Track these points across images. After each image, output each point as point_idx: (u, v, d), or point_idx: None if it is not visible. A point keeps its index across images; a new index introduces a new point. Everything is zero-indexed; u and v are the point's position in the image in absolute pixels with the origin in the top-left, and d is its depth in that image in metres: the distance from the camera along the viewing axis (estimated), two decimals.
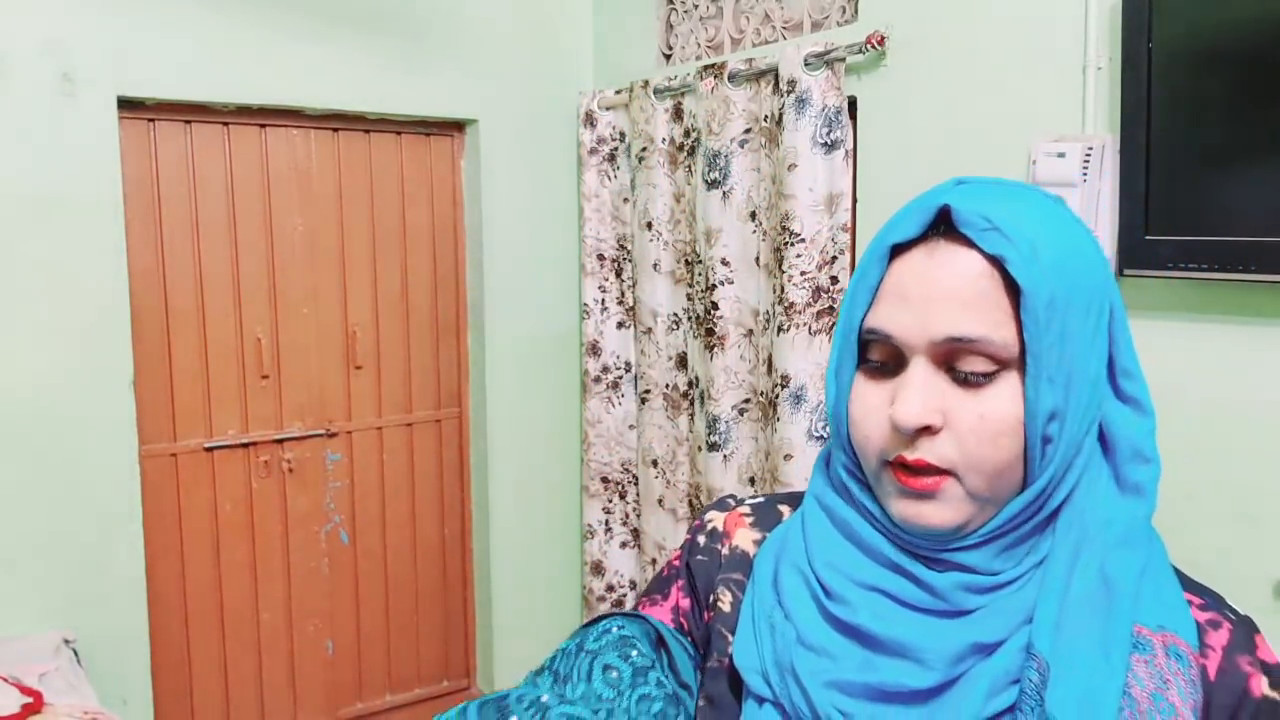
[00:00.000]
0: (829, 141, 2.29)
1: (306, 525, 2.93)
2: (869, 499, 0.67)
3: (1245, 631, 0.64)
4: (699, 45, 2.89)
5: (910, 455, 0.62)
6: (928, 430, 0.62)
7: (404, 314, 3.05)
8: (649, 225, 2.83)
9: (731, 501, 0.80)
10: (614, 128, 3.01)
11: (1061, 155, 1.83)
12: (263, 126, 2.77)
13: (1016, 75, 1.98)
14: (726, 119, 2.53)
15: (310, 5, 2.70)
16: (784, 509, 0.78)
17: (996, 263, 0.61)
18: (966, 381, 0.62)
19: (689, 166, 2.72)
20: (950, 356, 0.62)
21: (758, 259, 2.53)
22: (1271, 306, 1.64)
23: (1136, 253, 1.71)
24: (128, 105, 2.53)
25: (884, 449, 0.64)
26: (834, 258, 2.33)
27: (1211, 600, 0.66)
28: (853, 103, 2.33)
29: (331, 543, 2.97)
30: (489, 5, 2.98)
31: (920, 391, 0.62)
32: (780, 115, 2.36)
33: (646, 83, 2.82)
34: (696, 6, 2.90)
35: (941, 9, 2.11)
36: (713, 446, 2.61)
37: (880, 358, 0.65)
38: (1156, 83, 1.66)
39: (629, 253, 3.00)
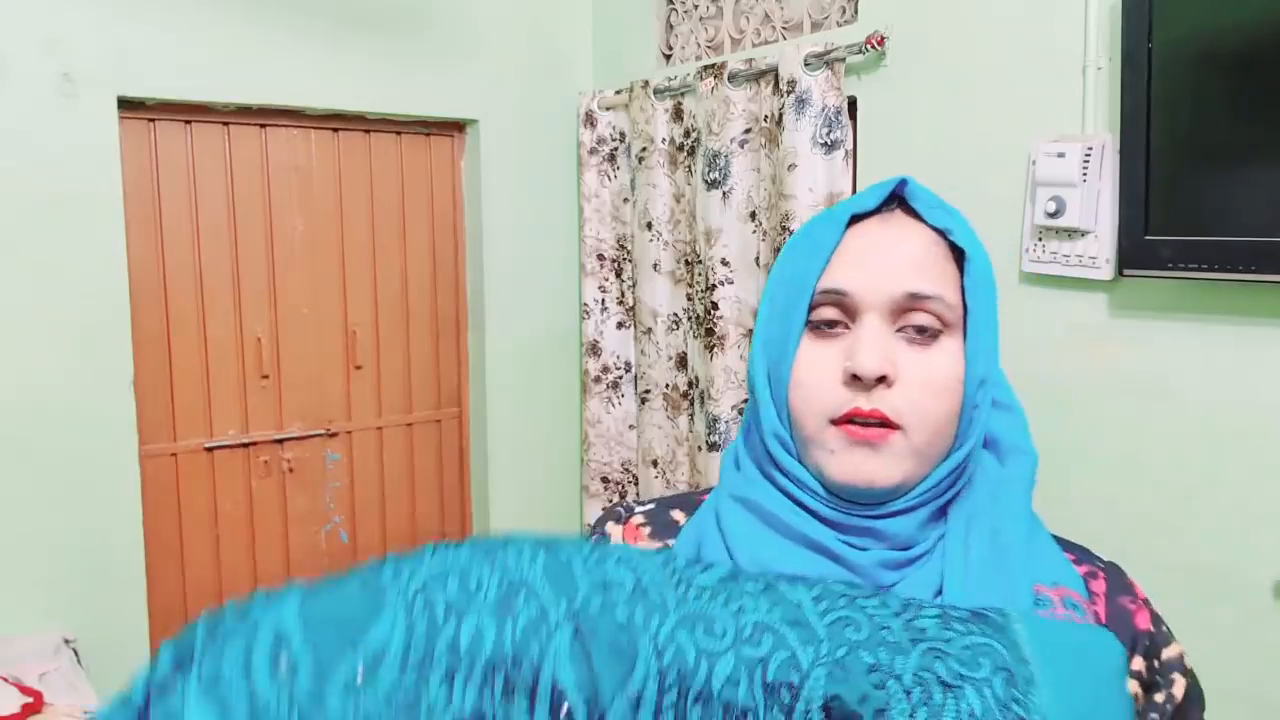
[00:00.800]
0: (829, 142, 2.29)
1: (306, 525, 2.93)
2: (800, 468, 0.68)
3: (1118, 575, 0.71)
4: (699, 45, 2.89)
5: (866, 405, 0.65)
6: (882, 381, 0.65)
7: (404, 314, 3.05)
8: (649, 225, 2.83)
9: (623, 511, 0.79)
10: (614, 128, 3.01)
11: (1061, 155, 1.83)
12: (263, 126, 2.77)
13: (1016, 75, 1.98)
14: (726, 119, 2.53)
15: (310, 5, 2.69)
16: (677, 514, 0.78)
17: (942, 236, 0.69)
18: (915, 339, 0.66)
19: (689, 167, 2.72)
20: (901, 315, 0.66)
21: (758, 259, 2.53)
22: (1271, 306, 1.64)
23: (1136, 253, 1.71)
24: (128, 105, 2.53)
25: (833, 406, 0.66)
26: None
27: (1082, 554, 0.73)
28: (853, 103, 2.33)
29: (331, 543, 2.97)
30: (489, 5, 2.98)
31: (878, 343, 0.65)
32: (780, 115, 2.36)
33: (646, 83, 2.82)
34: (696, 6, 2.90)
35: (941, 9, 2.11)
36: (713, 446, 2.61)
37: (832, 316, 0.68)
38: (1156, 83, 1.66)
39: (629, 253, 3.00)
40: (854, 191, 2.35)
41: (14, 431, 2.38)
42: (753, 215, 2.53)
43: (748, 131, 2.51)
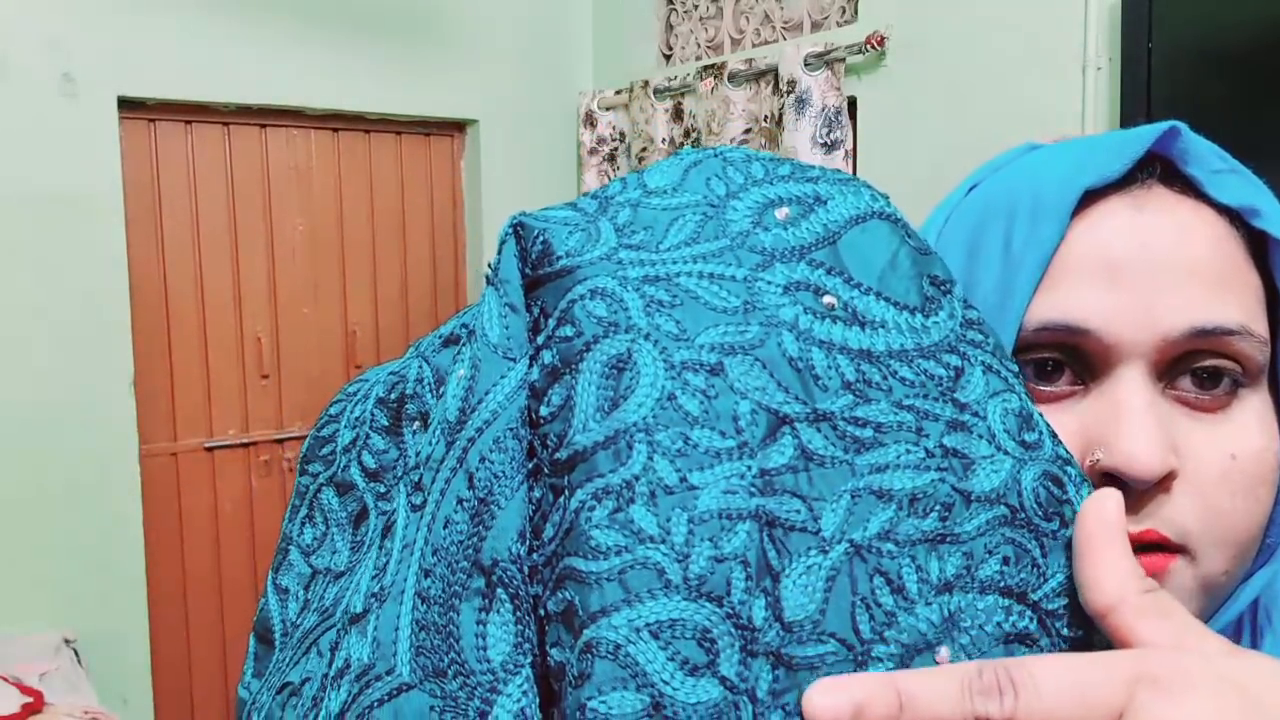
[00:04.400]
0: (829, 142, 2.29)
1: None
2: None
3: None
4: (699, 45, 2.89)
5: (1135, 526, 0.39)
6: (1161, 484, 0.39)
7: (404, 314, 3.05)
8: None
9: None
10: (614, 128, 3.01)
11: None
12: (263, 126, 2.77)
13: (1016, 75, 1.98)
14: (726, 119, 2.53)
15: (310, 6, 2.69)
16: None
17: (1237, 221, 0.42)
18: (1201, 401, 0.40)
19: None
20: (1177, 366, 0.40)
21: None
22: None
23: None
24: (128, 105, 2.53)
25: None
26: None
27: None
28: (853, 103, 2.33)
29: None
30: (489, 5, 2.98)
31: (1151, 419, 0.38)
32: (780, 115, 2.36)
33: (646, 83, 2.82)
34: (696, 6, 2.90)
35: (941, 9, 2.11)
36: None
37: (1053, 375, 0.41)
38: (1156, 83, 1.66)
39: None
40: None
41: (14, 431, 2.38)
42: None
43: (748, 131, 2.51)
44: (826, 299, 0.35)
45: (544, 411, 0.33)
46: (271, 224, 2.81)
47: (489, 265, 0.38)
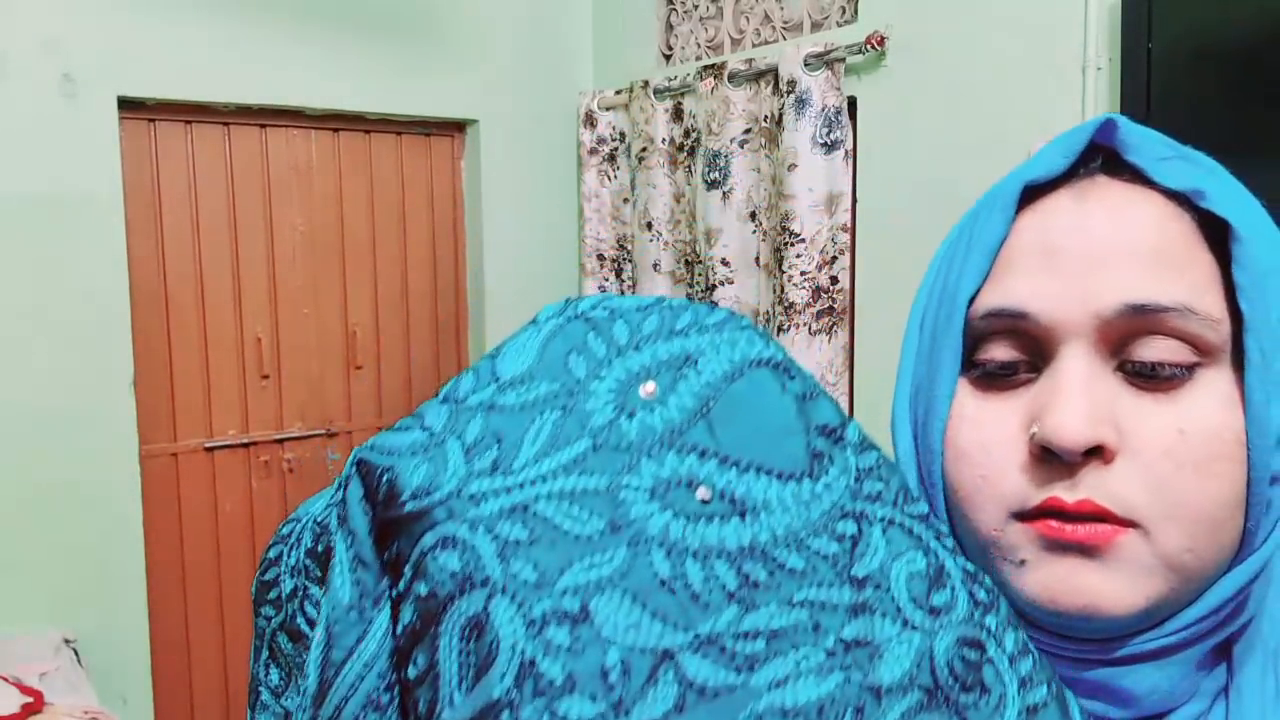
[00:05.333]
0: (829, 142, 2.29)
1: None
2: None
3: None
4: (699, 45, 2.89)
5: (1070, 496, 0.39)
6: (1097, 454, 0.40)
7: (404, 314, 3.05)
8: (649, 225, 2.83)
9: None
10: (614, 128, 3.01)
11: None
12: (263, 126, 2.77)
13: (1016, 75, 1.98)
14: (726, 119, 2.53)
15: (310, 6, 2.70)
16: None
17: (1187, 204, 0.42)
18: (1152, 381, 0.40)
19: (689, 167, 2.72)
20: (1123, 343, 0.41)
21: (758, 259, 2.53)
22: None
23: None
24: (128, 105, 2.53)
25: (1016, 494, 0.41)
26: (834, 258, 2.33)
27: None
28: (853, 103, 2.33)
29: None
30: (489, 5, 2.98)
31: (1085, 393, 0.40)
32: (780, 115, 2.36)
33: (646, 83, 2.82)
34: (696, 6, 2.90)
35: (941, 9, 2.11)
36: None
37: (1005, 356, 0.43)
38: (1156, 83, 1.66)
39: (629, 253, 3.00)
40: (854, 192, 2.35)
41: (14, 431, 2.38)
42: (753, 215, 2.53)
43: (748, 131, 2.51)
44: (700, 492, 0.32)
45: (411, 674, 0.32)
46: (271, 224, 2.81)
47: (339, 503, 0.35)
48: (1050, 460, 0.40)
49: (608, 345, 0.34)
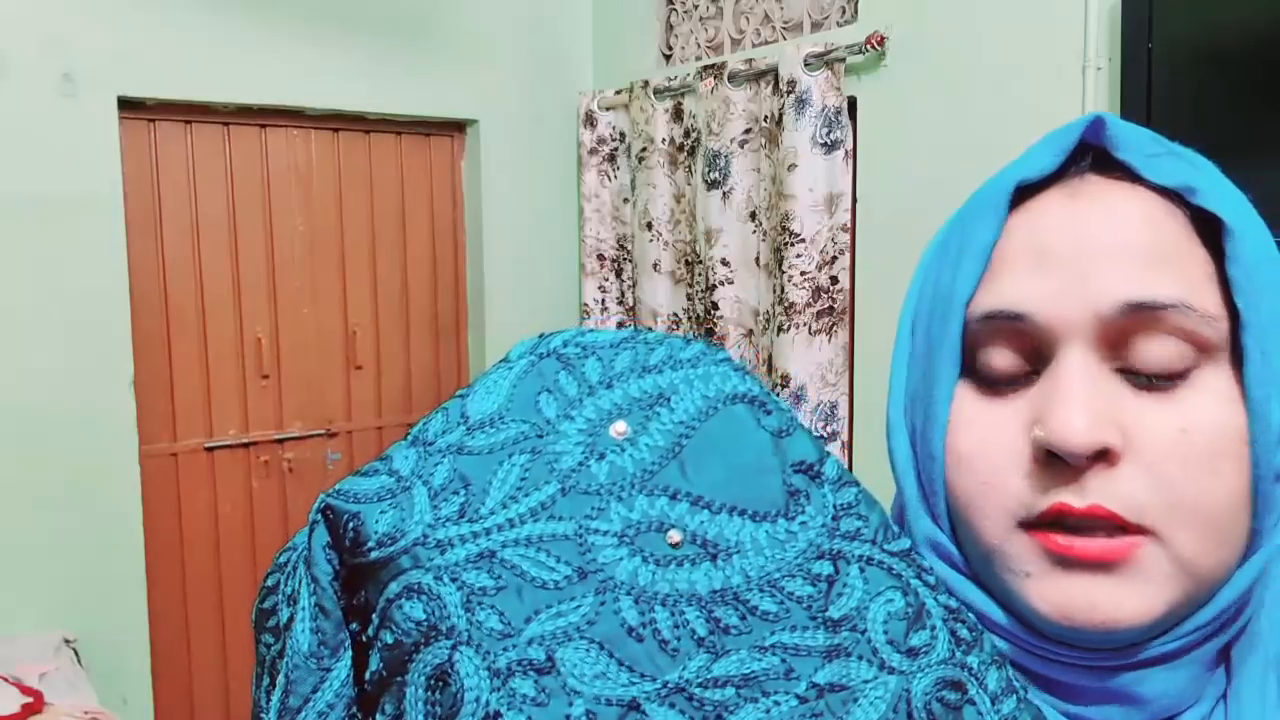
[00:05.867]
0: (829, 141, 2.29)
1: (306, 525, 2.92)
2: (979, 595, 0.42)
3: None
4: (699, 45, 2.89)
5: (1078, 501, 0.38)
6: (1103, 457, 0.39)
7: (404, 314, 3.05)
8: (649, 225, 2.83)
9: None
10: (614, 128, 3.01)
11: None
12: (263, 126, 2.77)
13: (1016, 75, 1.98)
14: (726, 119, 2.53)
15: (311, 5, 2.69)
16: None
17: (1179, 201, 0.41)
18: (1150, 382, 0.40)
19: (689, 167, 2.72)
20: (1121, 342, 0.40)
21: (758, 259, 2.53)
22: None
23: None
24: (128, 105, 2.53)
25: (1021, 500, 0.40)
26: (834, 258, 2.33)
27: None
28: (853, 103, 2.33)
29: None
30: (489, 5, 2.98)
31: (1086, 395, 0.39)
32: (780, 115, 2.36)
33: (646, 83, 2.82)
34: (696, 6, 2.90)
35: (941, 9, 2.11)
36: None
37: (1003, 364, 0.42)
38: (1156, 83, 1.66)
39: (629, 253, 3.00)
40: (854, 191, 2.35)
41: (14, 431, 2.38)
42: (753, 215, 2.53)
43: (748, 131, 2.51)
44: (671, 535, 0.31)
45: None
46: (271, 224, 2.81)
47: (302, 547, 0.34)
48: (1054, 464, 0.39)
49: (579, 384, 0.34)
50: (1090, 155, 0.44)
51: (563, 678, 0.29)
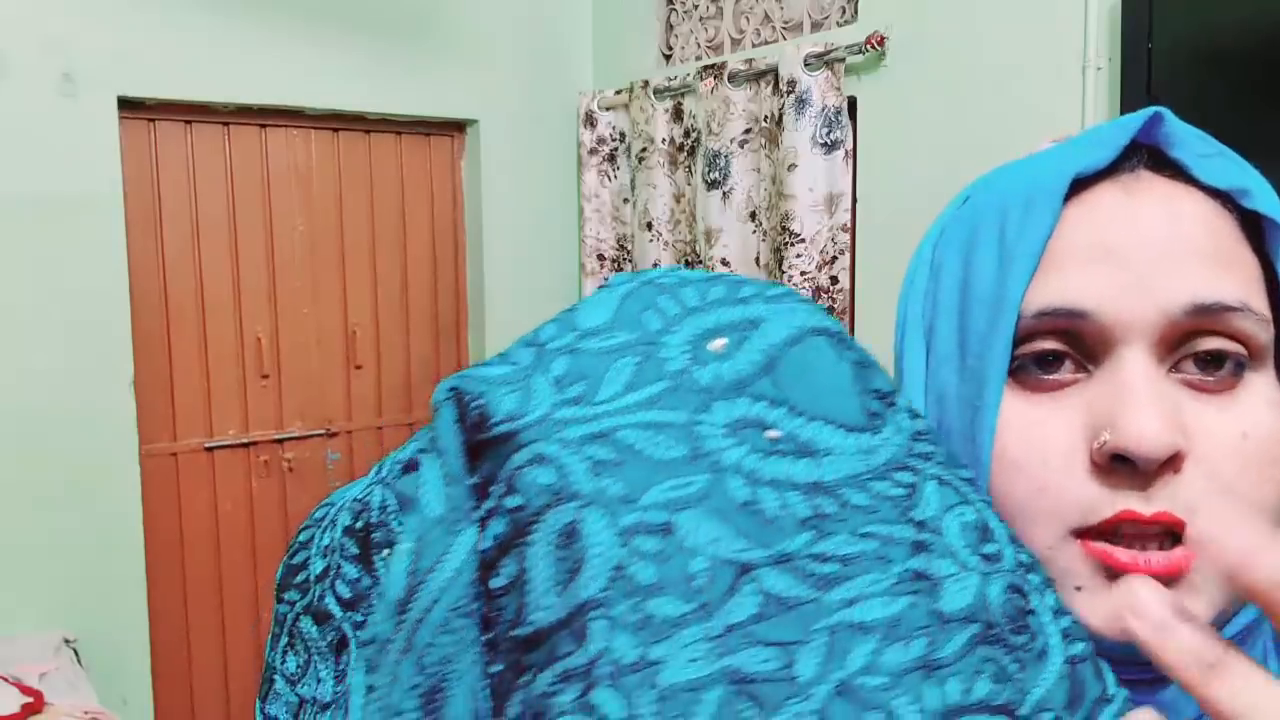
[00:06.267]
0: (829, 141, 2.29)
1: None
2: None
3: None
4: (699, 45, 2.89)
5: (1146, 508, 0.38)
6: (1171, 463, 0.38)
7: (404, 314, 3.05)
8: (649, 225, 2.83)
9: None
10: (614, 128, 3.01)
11: None
12: (263, 126, 2.77)
13: (1016, 75, 1.98)
14: (726, 119, 2.53)
15: (311, 5, 2.70)
16: None
17: (1228, 202, 0.41)
18: (1207, 383, 0.39)
19: (689, 167, 2.72)
20: (1180, 343, 0.39)
21: (758, 259, 2.53)
22: None
23: None
24: (128, 105, 2.53)
25: (1080, 507, 0.39)
26: (834, 258, 2.33)
27: None
28: (853, 103, 2.33)
29: None
30: (489, 5, 2.98)
31: (1156, 397, 0.38)
32: (780, 115, 2.36)
33: (646, 83, 2.82)
34: (696, 6, 2.90)
35: (941, 9, 2.11)
36: None
37: (1056, 362, 0.41)
38: (1156, 83, 1.66)
39: (629, 253, 3.00)
40: (854, 191, 2.35)
41: (14, 431, 2.38)
42: (753, 215, 2.53)
43: (748, 131, 2.51)
44: (770, 433, 0.33)
45: (496, 584, 0.33)
46: (271, 224, 2.81)
47: (428, 429, 0.36)
48: (1118, 469, 0.38)
49: (678, 306, 0.36)
50: (1144, 151, 0.42)
51: (681, 539, 0.31)
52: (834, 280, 2.34)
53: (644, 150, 2.83)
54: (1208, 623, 0.35)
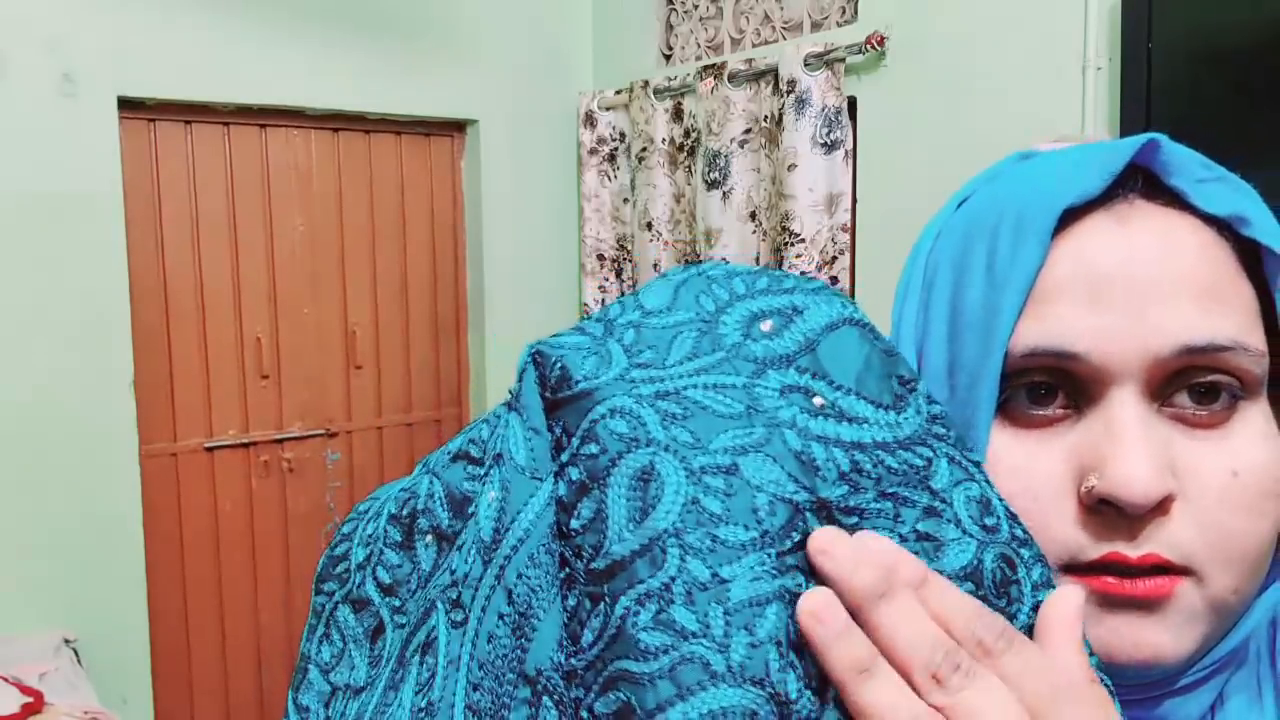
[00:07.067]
0: (829, 142, 2.29)
1: (306, 525, 2.93)
2: None
3: None
4: (699, 45, 2.89)
5: (1133, 551, 0.38)
6: (1160, 506, 0.38)
7: (404, 314, 3.05)
8: (649, 225, 2.83)
9: None
10: (614, 128, 3.01)
11: None
12: (263, 126, 2.77)
13: (1016, 75, 1.98)
14: (726, 119, 2.53)
15: (310, 5, 2.70)
16: None
17: (1225, 230, 0.40)
18: (1200, 418, 0.39)
19: (689, 167, 2.72)
20: (1171, 383, 0.39)
21: (758, 259, 2.53)
22: None
23: None
24: (128, 105, 2.53)
25: (1068, 547, 0.39)
26: (834, 258, 2.33)
27: None
28: (853, 103, 2.33)
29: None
30: (489, 5, 2.98)
31: (1146, 441, 0.38)
32: (780, 115, 2.36)
33: (646, 83, 2.82)
34: (696, 6, 2.90)
35: (941, 9, 2.11)
36: None
37: (1045, 400, 0.40)
38: (1156, 83, 1.66)
39: (629, 253, 3.00)
40: (854, 191, 2.35)
41: (14, 431, 2.38)
42: (753, 215, 2.53)
43: (748, 131, 2.51)
44: (816, 399, 0.38)
45: (575, 524, 0.36)
46: (271, 224, 2.81)
47: (509, 391, 0.41)
48: (1106, 510, 0.38)
49: (729, 293, 0.41)
50: (1138, 177, 0.41)
51: (745, 478, 0.35)
52: (834, 280, 2.34)
53: (644, 150, 2.83)
54: (1195, 649, 0.38)
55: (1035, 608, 0.37)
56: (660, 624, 0.33)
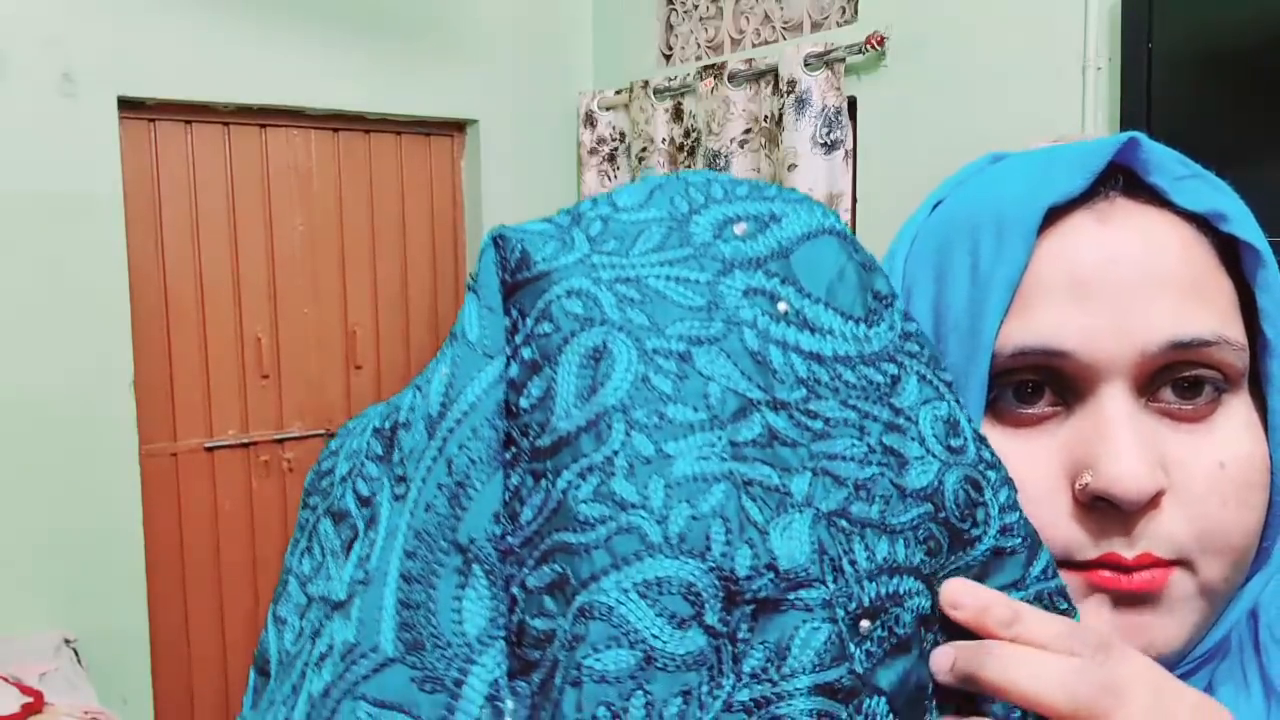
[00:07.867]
0: (829, 142, 2.29)
1: None
2: None
3: None
4: (699, 45, 2.89)
5: (1129, 551, 0.39)
6: (1151, 501, 0.38)
7: (404, 314, 3.05)
8: None
9: None
10: (614, 128, 3.01)
11: None
12: (263, 126, 2.77)
13: (1016, 75, 1.98)
14: (726, 119, 2.53)
15: (310, 5, 2.70)
16: None
17: (1205, 227, 0.41)
18: (1185, 412, 0.40)
19: (689, 166, 2.72)
20: (1157, 378, 0.40)
21: None
22: None
23: None
24: (128, 105, 2.53)
25: (1065, 544, 0.39)
26: None
27: None
28: (853, 103, 2.33)
29: None
30: (489, 5, 2.98)
31: (1136, 438, 0.38)
32: (780, 115, 2.36)
33: (646, 83, 2.82)
34: (696, 6, 2.90)
35: (941, 9, 2.11)
36: None
37: (1034, 399, 0.41)
38: (1156, 83, 1.66)
39: None
40: (854, 191, 2.35)
41: (14, 431, 2.38)
42: None
43: (748, 132, 2.51)
44: (781, 305, 0.37)
45: (524, 404, 0.36)
46: (271, 224, 2.81)
47: (470, 275, 0.40)
48: (1099, 508, 0.39)
49: (705, 196, 0.40)
50: (1118, 175, 0.42)
51: (699, 367, 0.35)
52: None
53: (644, 150, 2.83)
54: (1184, 641, 0.40)
55: (1003, 529, 0.37)
56: (600, 496, 0.32)
